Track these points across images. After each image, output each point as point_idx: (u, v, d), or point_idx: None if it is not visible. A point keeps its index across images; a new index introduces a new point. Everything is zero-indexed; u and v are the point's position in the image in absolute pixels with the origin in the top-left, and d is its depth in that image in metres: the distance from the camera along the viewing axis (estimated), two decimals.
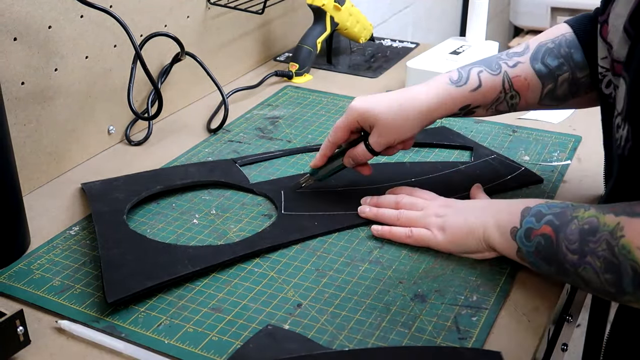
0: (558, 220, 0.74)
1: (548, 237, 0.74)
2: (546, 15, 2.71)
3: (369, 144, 0.92)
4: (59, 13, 1.00)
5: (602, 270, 0.68)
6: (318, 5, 1.40)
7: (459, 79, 0.91)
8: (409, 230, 0.87)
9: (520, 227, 0.78)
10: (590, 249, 0.69)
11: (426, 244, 0.86)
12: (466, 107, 0.92)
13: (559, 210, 0.75)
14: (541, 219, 0.76)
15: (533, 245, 0.76)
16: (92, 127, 1.11)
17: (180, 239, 0.90)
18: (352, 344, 0.73)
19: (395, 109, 0.90)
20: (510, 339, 0.74)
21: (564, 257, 0.72)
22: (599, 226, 0.68)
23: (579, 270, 0.70)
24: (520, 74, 0.91)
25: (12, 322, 0.70)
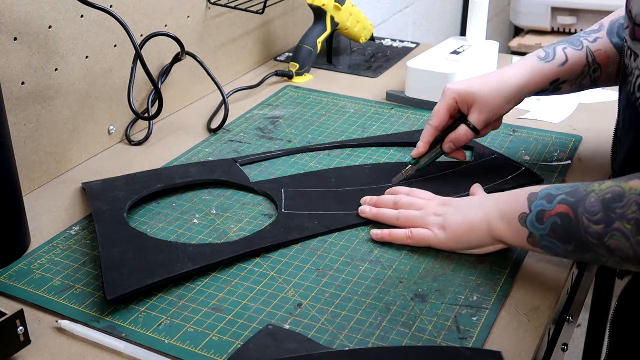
0: (572, 198, 0.74)
1: (565, 215, 0.74)
2: (546, 15, 2.71)
3: (471, 123, 0.97)
4: (59, 13, 1.00)
5: (634, 232, 0.68)
6: (318, 5, 1.40)
7: (546, 56, 0.98)
8: (408, 231, 0.87)
9: (530, 212, 0.78)
10: (618, 214, 0.69)
11: (427, 244, 0.86)
12: (555, 82, 0.98)
13: (569, 189, 0.76)
14: (553, 200, 0.76)
15: (547, 227, 0.76)
16: (92, 127, 1.11)
17: (180, 239, 0.90)
18: (352, 344, 0.73)
19: (492, 86, 0.97)
20: (511, 339, 0.74)
21: (586, 230, 0.72)
22: (624, 192, 0.70)
23: (605, 239, 0.71)
24: (601, 48, 0.98)
25: (12, 322, 0.70)
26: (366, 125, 1.21)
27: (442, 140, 0.99)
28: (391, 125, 1.21)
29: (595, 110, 1.26)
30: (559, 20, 2.71)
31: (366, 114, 1.25)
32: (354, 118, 1.24)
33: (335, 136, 1.17)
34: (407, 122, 1.22)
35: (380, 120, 1.22)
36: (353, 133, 1.18)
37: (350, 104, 1.29)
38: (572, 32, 2.72)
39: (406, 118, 1.23)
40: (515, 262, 0.85)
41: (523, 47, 2.69)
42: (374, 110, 1.27)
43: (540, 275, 0.83)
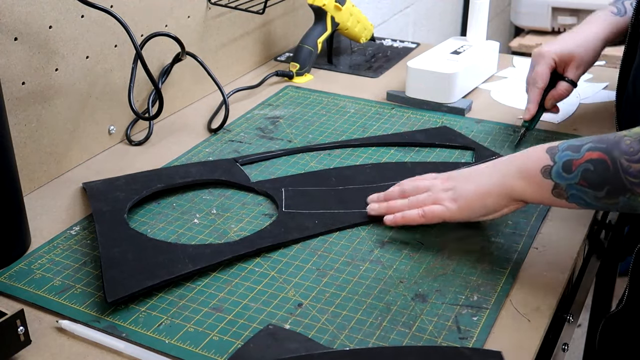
0: (603, 144, 0.76)
1: (600, 161, 0.75)
2: (547, 15, 2.71)
3: (569, 79, 1.10)
4: (59, 13, 1.00)
5: None
6: (319, 5, 1.40)
7: (618, 11, 1.12)
8: (421, 210, 0.88)
9: (555, 163, 0.78)
10: None
11: (441, 219, 0.87)
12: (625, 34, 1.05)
13: (595, 137, 0.78)
14: (580, 149, 0.77)
15: (577, 175, 0.77)
16: (92, 127, 1.11)
17: (180, 239, 0.90)
18: (352, 344, 0.73)
19: (584, 44, 1.10)
20: (511, 339, 0.74)
21: (626, 171, 0.73)
22: None
23: None
24: None
25: (12, 322, 0.70)
26: (366, 125, 1.21)
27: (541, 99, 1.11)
28: (391, 125, 1.21)
29: (595, 110, 1.26)
30: (559, 20, 2.71)
31: (366, 113, 1.25)
32: (354, 118, 1.24)
33: (335, 136, 1.17)
34: (407, 122, 1.22)
35: (380, 120, 1.22)
36: (353, 133, 1.18)
37: (351, 104, 1.29)
38: None
39: (406, 118, 1.23)
40: (515, 262, 0.85)
41: (523, 47, 2.69)
42: (374, 110, 1.27)
43: (540, 275, 0.83)
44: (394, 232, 0.91)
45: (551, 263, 0.85)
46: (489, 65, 1.40)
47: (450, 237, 0.89)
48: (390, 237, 0.90)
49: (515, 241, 0.89)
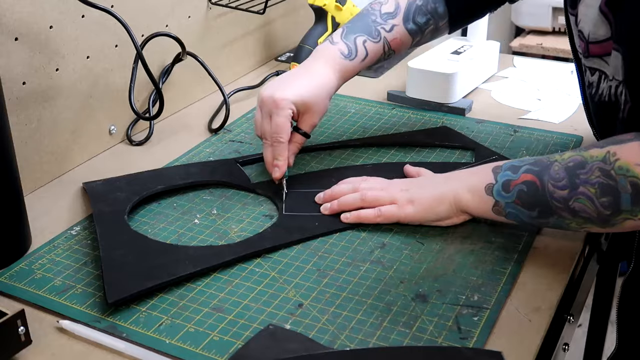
0: (537, 167, 0.81)
1: (531, 183, 0.81)
2: (547, 15, 2.70)
3: (301, 129, 0.99)
4: (60, 13, 1.00)
5: (598, 195, 0.76)
6: (319, 5, 1.40)
7: (349, 53, 1.01)
8: (377, 209, 0.90)
9: (496, 182, 0.84)
10: (582, 180, 0.77)
11: (396, 219, 0.90)
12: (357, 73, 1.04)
13: (532, 160, 0.83)
14: (518, 170, 0.83)
15: (513, 194, 0.82)
16: (93, 127, 1.11)
17: (181, 239, 0.90)
18: (353, 344, 0.73)
19: (318, 91, 0.97)
20: (512, 339, 0.74)
21: (551, 195, 0.79)
22: (586, 160, 0.77)
23: (570, 203, 0.78)
24: (397, 36, 1.04)
25: (13, 322, 0.70)
26: (367, 125, 1.21)
27: None
28: (392, 125, 1.21)
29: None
30: (560, 21, 2.71)
31: (367, 114, 1.25)
32: (354, 118, 1.24)
33: (336, 136, 1.17)
34: (408, 122, 1.22)
35: (381, 120, 1.22)
36: (354, 133, 1.18)
37: (351, 104, 1.29)
38: None
39: (407, 118, 1.23)
40: (516, 262, 0.85)
41: (524, 47, 2.69)
42: (375, 110, 1.27)
43: (541, 275, 0.83)
44: (395, 233, 0.91)
45: (552, 263, 0.85)
46: (490, 65, 1.40)
47: (451, 238, 0.89)
48: (390, 237, 0.90)
49: (516, 241, 0.88)
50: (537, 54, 2.64)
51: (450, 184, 0.89)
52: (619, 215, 0.76)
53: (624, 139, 0.76)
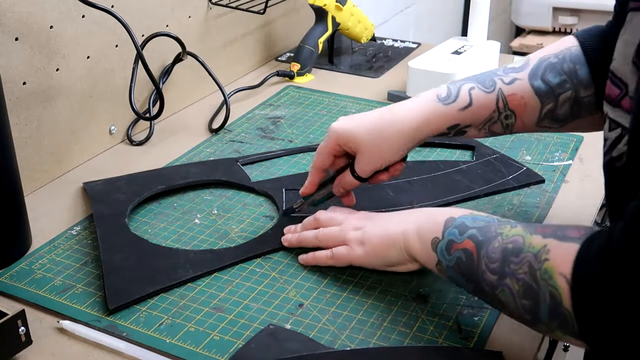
0: (482, 236, 0.68)
1: (470, 253, 0.69)
2: (548, 15, 2.70)
3: (355, 171, 0.86)
4: (60, 13, 1.00)
5: (520, 295, 0.63)
6: (320, 5, 1.40)
7: (447, 95, 0.84)
8: (330, 251, 0.83)
9: (442, 238, 0.72)
10: (511, 270, 0.63)
11: (348, 262, 0.82)
12: (455, 126, 0.84)
13: (483, 224, 0.70)
14: (464, 232, 0.70)
15: (453, 259, 0.71)
16: (93, 127, 1.11)
17: (181, 239, 0.90)
18: (353, 344, 0.73)
19: (376, 133, 0.84)
20: (512, 339, 0.74)
21: (483, 276, 0.67)
22: (523, 246, 0.63)
23: (497, 292, 0.66)
24: (517, 92, 0.83)
25: (13, 322, 0.70)
26: None
27: (333, 180, 0.89)
28: None
29: None
30: (560, 20, 2.71)
31: None
32: None
33: None
34: None
35: None
36: None
37: (352, 104, 1.29)
38: (573, 32, 2.72)
39: None
40: None
41: (524, 47, 2.69)
42: None
43: None
44: None
45: None
46: (490, 65, 1.39)
47: None
48: None
49: None
50: None
51: (402, 227, 0.78)
52: (537, 324, 0.63)
53: (568, 235, 0.61)
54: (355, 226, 0.83)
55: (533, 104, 0.83)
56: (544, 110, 0.83)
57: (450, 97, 0.84)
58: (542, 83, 0.83)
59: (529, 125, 0.86)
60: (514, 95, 0.83)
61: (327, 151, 0.87)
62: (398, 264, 0.80)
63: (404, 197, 0.95)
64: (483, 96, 0.84)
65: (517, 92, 0.83)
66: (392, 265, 0.81)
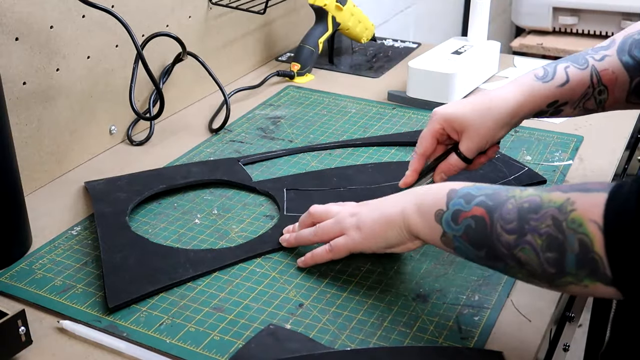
0: (491, 201, 0.69)
1: (480, 219, 0.69)
2: (548, 15, 2.70)
3: (461, 152, 0.89)
4: (60, 13, 1.00)
5: (543, 248, 0.63)
6: (320, 5, 1.40)
7: (545, 74, 0.89)
8: (328, 245, 0.82)
9: (447, 209, 0.72)
10: (532, 226, 0.64)
11: (347, 251, 0.82)
12: (554, 103, 0.90)
13: (490, 191, 0.70)
14: (471, 201, 0.70)
15: (461, 228, 0.70)
16: (93, 127, 1.11)
17: (182, 239, 0.90)
18: (354, 344, 0.73)
19: (482, 111, 0.88)
20: (512, 339, 0.74)
21: (498, 238, 0.67)
22: (542, 203, 0.64)
23: (515, 251, 0.65)
24: (608, 68, 0.89)
25: (14, 322, 0.70)
26: (367, 125, 1.21)
27: (431, 169, 0.92)
28: (392, 125, 1.21)
29: None
30: (560, 20, 2.71)
31: (367, 113, 1.25)
32: (355, 118, 1.24)
33: (336, 136, 1.17)
34: (408, 122, 1.22)
35: (381, 120, 1.22)
36: (354, 133, 1.18)
37: (352, 104, 1.29)
38: (573, 32, 2.72)
39: (407, 118, 1.23)
40: None
41: (524, 47, 2.69)
42: (376, 110, 1.27)
43: None
44: None
45: None
46: (490, 65, 1.39)
47: None
48: None
49: None
50: (538, 54, 2.64)
51: (401, 204, 0.78)
52: (563, 277, 0.63)
53: (592, 188, 0.62)
54: (351, 212, 0.82)
55: (623, 78, 0.89)
56: (632, 84, 0.89)
57: (548, 76, 0.89)
58: (630, 58, 0.88)
59: (620, 101, 0.91)
60: (605, 70, 0.89)
61: (432, 135, 0.90)
62: (397, 244, 0.79)
63: None
64: (578, 73, 0.89)
65: (609, 68, 0.89)
66: (392, 247, 0.80)
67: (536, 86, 0.89)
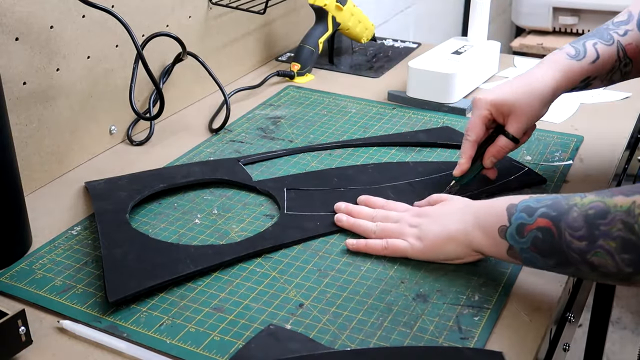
0: (554, 211, 0.72)
1: (546, 230, 0.72)
2: (548, 15, 2.70)
3: (510, 133, 0.94)
4: (60, 13, 1.00)
5: (619, 250, 0.67)
6: (320, 5, 1.40)
7: (577, 53, 0.95)
8: (384, 242, 0.86)
9: (510, 224, 0.76)
10: (602, 232, 0.68)
11: (403, 254, 0.85)
12: (586, 79, 0.96)
13: (550, 202, 0.74)
14: (533, 213, 0.74)
15: (528, 240, 0.74)
16: (93, 127, 1.11)
17: (182, 239, 0.90)
18: (354, 344, 0.73)
19: (527, 93, 0.93)
20: (512, 339, 0.74)
21: (569, 246, 0.70)
22: (607, 209, 0.68)
23: (588, 256, 0.69)
24: (632, 42, 0.95)
25: (14, 322, 0.70)
26: (368, 125, 1.21)
27: (480, 153, 0.96)
28: (393, 125, 1.21)
29: (596, 110, 1.26)
30: (560, 20, 2.71)
31: (367, 113, 1.25)
32: (355, 118, 1.24)
33: (336, 136, 1.17)
34: (408, 122, 1.22)
35: (381, 120, 1.22)
36: (354, 133, 1.18)
37: (352, 104, 1.29)
38: (573, 32, 2.72)
39: (407, 118, 1.23)
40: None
41: (524, 47, 2.69)
42: (376, 110, 1.27)
43: (541, 275, 0.83)
44: None
45: None
46: (490, 65, 1.40)
47: None
48: None
49: None
50: (538, 54, 2.64)
51: (461, 222, 0.82)
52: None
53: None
54: (411, 223, 0.86)
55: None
56: None
57: (580, 54, 0.95)
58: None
59: None
60: (630, 44, 0.96)
61: (481, 121, 0.94)
62: (455, 258, 0.83)
63: (405, 199, 0.95)
64: (606, 49, 0.96)
65: (632, 42, 0.96)
66: (448, 260, 0.84)
67: (572, 64, 0.95)
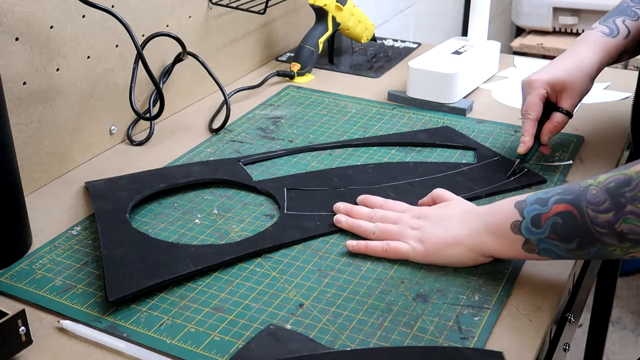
0: (569, 195, 0.74)
1: (566, 213, 0.73)
2: (548, 15, 2.70)
3: (563, 109, 1.01)
4: (60, 13, 1.00)
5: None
6: (320, 5, 1.40)
7: (610, 31, 1.04)
8: (385, 243, 0.85)
9: (524, 218, 0.77)
10: (629, 197, 0.69)
11: (403, 257, 0.85)
12: (622, 53, 1.05)
13: (561, 189, 0.76)
14: (547, 203, 0.75)
15: (546, 229, 0.75)
16: (93, 127, 1.11)
17: (182, 239, 0.90)
18: (354, 344, 0.73)
19: (576, 71, 1.01)
20: (512, 339, 0.74)
21: (594, 221, 0.71)
22: (630, 177, 0.70)
23: (616, 226, 0.70)
24: None
25: (14, 322, 0.70)
26: (368, 125, 1.21)
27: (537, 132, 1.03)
28: (393, 125, 1.21)
29: (596, 110, 1.26)
30: (560, 20, 2.71)
31: (367, 113, 1.25)
32: (355, 118, 1.24)
33: (336, 136, 1.17)
34: (408, 122, 1.22)
35: (381, 120, 1.22)
36: (354, 133, 1.18)
37: (352, 104, 1.29)
38: (573, 32, 2.72)
39: (407, 118, 1.23)
40: (516, 262, 0.85)
41: (524, 47, 2.69)
42: (376, 110, 1.27)
43: (541, 275, 0.83)
44: None
45: (552, 263, 0.85)
46: (490, 65, 1.39)
47: None
48: None
49: None
50: (538, 54, 2.64)
51: (465, 227, 0.82)
52: None
53: None
54: (412, 225, 0.86)
55: None
56: None
57: (613, 32, 1.04)
58: None
59: None
60: None
61: (539, 99, 1.01)
62: (457, 263, 0.83)
63: (405, 199, 0.95)
64: (635, 24, 1.05)
65: None
66: (451, 264, 0.83)
67: (609, 41, 1.04)
